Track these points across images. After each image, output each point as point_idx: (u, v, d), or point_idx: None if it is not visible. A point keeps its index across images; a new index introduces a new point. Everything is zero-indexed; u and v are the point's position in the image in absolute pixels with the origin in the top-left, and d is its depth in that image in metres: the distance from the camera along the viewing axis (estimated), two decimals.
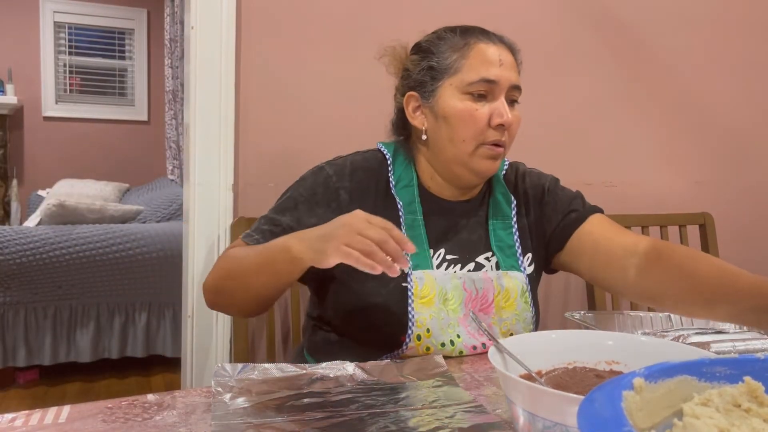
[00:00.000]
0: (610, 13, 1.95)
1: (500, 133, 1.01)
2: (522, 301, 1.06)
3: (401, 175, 1.09)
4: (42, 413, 0.74)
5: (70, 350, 2.68)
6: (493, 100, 1.01)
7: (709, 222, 1.79)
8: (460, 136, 1.02)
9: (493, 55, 1.02)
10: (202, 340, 1.59)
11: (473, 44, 1.03)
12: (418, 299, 1.00)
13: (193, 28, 1.53)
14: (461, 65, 1.02)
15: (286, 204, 1.06)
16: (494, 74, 1.00)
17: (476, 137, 1.01)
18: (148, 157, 4.99)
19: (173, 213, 3.29)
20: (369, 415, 0.74)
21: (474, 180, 1.07)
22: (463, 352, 1.01)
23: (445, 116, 1.03)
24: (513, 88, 1.03)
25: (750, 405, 0.42)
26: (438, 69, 1.04)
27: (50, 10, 4.79)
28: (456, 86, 1.02)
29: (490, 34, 1.06)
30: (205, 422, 0.73)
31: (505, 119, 1.00)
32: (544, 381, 0.66)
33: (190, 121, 1.56)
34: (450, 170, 1.07)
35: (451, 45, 1.04)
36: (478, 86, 1.00)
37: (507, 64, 1.03)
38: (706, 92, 2.10)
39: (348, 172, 1.07)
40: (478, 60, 1.01)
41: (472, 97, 1.01)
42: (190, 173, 1.57)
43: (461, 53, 1.02)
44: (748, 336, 1.00)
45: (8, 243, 2.57)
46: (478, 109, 1.00)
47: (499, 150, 1.03)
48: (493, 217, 1.11)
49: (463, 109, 1.01)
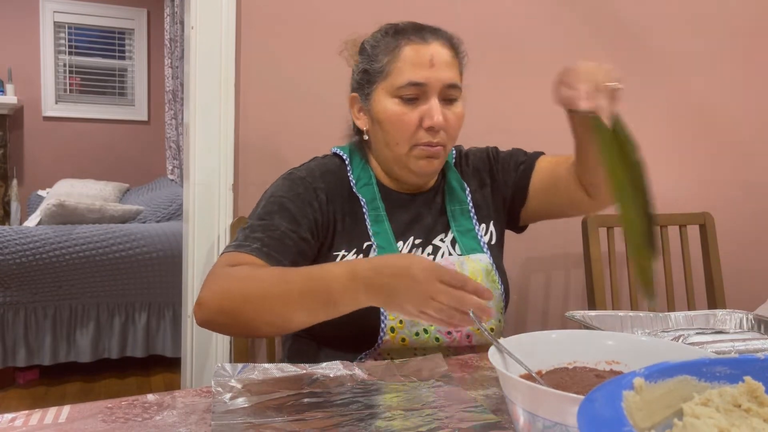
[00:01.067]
0: (610, 12, 1.95)
1: (432, 135, 1.02)
2: (489, 281, 1.08)
3: (360, 174, 1.11)
4: (42, 413, 0.74)
5: (70, 350, 2.68)
6: (426, 102, 1.01)
7: (709, 222, 1.79)
8: (393, 140, 1.03)
9: (423, 57, 1.01)
10: (202, 340, 1.59)
11: (403, 46, 1.02)
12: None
13: (193, 28, 1.53)
14: (391, 69, 1.02)
15: (272, 207, 1.03)
16: (422, 77, 1.00)
17: (408, 140, 1.02)
18: (148, 157, 4.99)
19: (173, 213, 3.29)
20: (369, 415, 0.74)
21: (415, 179, 1.09)
22: (439, 339, 1.03)
23: (379, 120, 1.04)
24: (448, 87, 1.02)
25: (750, 405, 0.42)
26: (371, 73, 1.05)
27: (50, 10, 4.79)
28: (387, 90, 1.03)
29: (425, 32, 1.04)
30: (205, 422, 0.73)
31: (435, 122, 1.00)
32: (544, 381, 0.66)
33: (190, 121, 1.56)
34: (392, 170, 1.09)
35: (383, 47, 1.05)
36: (406, 90, 1.01)
37: (439, 63, 1.01)
38: (707, 92, 2.09)
39: (318, 175, 1.08)
40: (406, 63, 1.01)
41: (402, 101, 1.01)
42: (190, 173, 1.57)
43: (392, 56, 1.03)
44: (748, 336, 1.00)
45: (8, 243, 2.57)
46: (407, 113, 1.01)
47: (435, 150, 1.03)
48: (450, 203, 1.14)
49: (392, 113, 1.02)
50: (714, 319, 1.09)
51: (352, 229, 1.07)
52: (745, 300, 1.72)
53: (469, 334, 1.04)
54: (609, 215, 1.72)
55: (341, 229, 1.06)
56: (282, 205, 1.03)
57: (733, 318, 1.09)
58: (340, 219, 1.07)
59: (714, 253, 1.78)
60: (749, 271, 2.13)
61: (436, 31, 1.05)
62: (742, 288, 2.00)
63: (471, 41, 1.83)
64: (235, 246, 0.98)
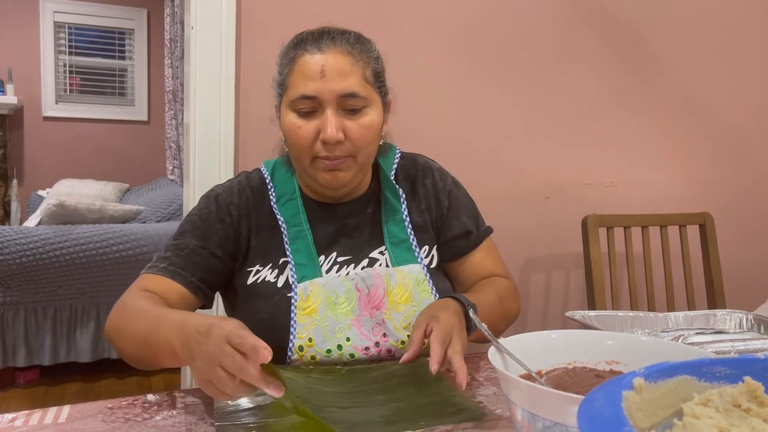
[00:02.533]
0: (610, 12, 1.95)
1: (329, 149, 0.97)
2: (419, 291, 1.03)
3: (283, 190, 1.09)
4: (42, 413, 0.74)
5: (70, 350, 2.68)
6: (322, 113, 0.97)
7: (709, 222, 1.79)
8: (294, 153, 1.02)
9: (314, 68, 0.96)
10: None
11: (297, 57, 0.99)
12: (300, 311, 0.98)
13: (193, 28, 1.53)
14: (288, 82, 1.00)
15: (184, 227, 1.05)
16: (312, 89, 0.96)
17: (307, 153, 0.99)
18: (148, 157, 4.99)
19: (173, 213, 3.28)
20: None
21: (327, 192, 1.05)
22: (354, 355, 0.98)
23: (284, 133, 1.03)
24: (344, 97, 0.97)
25: (750, 405, 0.42)
26: (276, 85, 1.05)
27: (50, 10, 4.79)
28: (286, 104, 1.01)
29: (323, 41, 0.99)
30: (205, 422, 0.73)
31: (328, 135, 0.95)
32: (544, 381, 0.66)
33: (190, 121, 1.56)
34: (306, 182, 1.08)
35: (284, 60, 1.03)
36: (299, 103, 0.97)
37: (332, 74, 0.96)
38: (707, 92, 2.09)
39: (236, 191, 1.08)
40: (299, 75, 0.98)
41: (298, 115, 0.99)
42: (190, 173, 1.57)
43: (289, 68, 1.01)
44: (748, 336, 1.00)
45: (8, 243, 2.57)
46: (302, 126, 0.98)
47: (335, 163, 0.99)
48: (385, 214, 1.10)
49: (289, 127, 1.00)
50: (714, 319, 1.09)
51: (269, 245, 1.05)
52: (745, 300, 1.72)
53: (390, 349, 0.99)
54: (609, 215, 1.72)
55: (256, 245, 1.05)
56: (193, 224, 1.04)
57: (733, 318, 1.09)
58: (255, 234, 1.05)
59: (714, 253, 1.78)
60: (749, 271, 2.13)
61: (336, 38, 1.00)
62: (742, 288, 2.00)
63: (470, 41, 1.83)
64: (148, 267, 1.01)
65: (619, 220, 1.72)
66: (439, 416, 0.74)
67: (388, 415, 0.74)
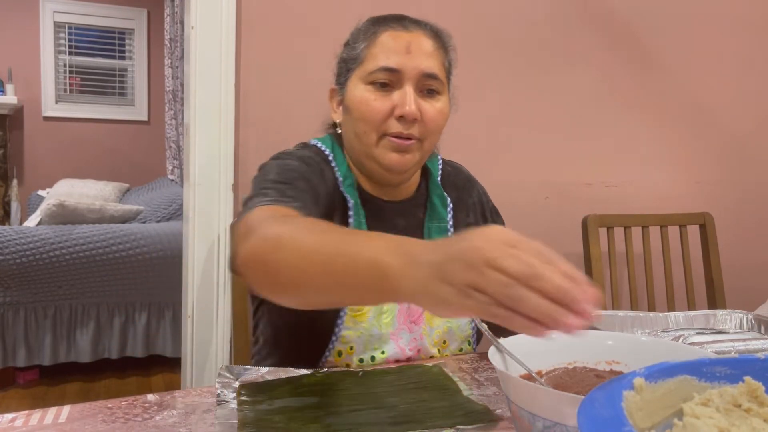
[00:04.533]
0: (610, 13, 1.95)
1: (404, 125, 0.94)
2: None
3: (345, 173, 1.02)
4: (42, 413, 0.74)
5: (70, 350, 2.68)
6: (400, 89, 0.95)
7: (709, 222, 1.79)
8: (361, 128, 0.96)
9: (400, 43, 0.95)
10: (202, 340, 1.59)
11: (380, 32, 0.97)
12: (350, 313, 0.93)
13: (193, 28, 1.53)
14: (366, 54, 0.97)
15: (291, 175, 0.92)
16: (396, 62, 0.94)
17: (377, 128, 0.95)
18: (148, 157, 4.99)
19: (173, 213, 3.28)
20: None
21: (386, 176, 1.00)
22: None
23: (350, 108, 0.98)
24: (426, 77, 0.95)
25: (750, 405, 0.42)
26: (348, 60, 1.00)
27: (50, 10, 4.78)
28: (360, 77, 0.97)
29: (406, 21, 0.99)
30: (205, 422, 0.73)
31: (406, 110, 0.93)
32: (544, 381, 0.66)
33: (190, 121, 1.56)
34: (363, 166, 1.01)
35: (362, 35, 1.00)
36: (377, 75, 0.94)
37: (418, 51, 0.95)
38: (707, 92, 2.09)
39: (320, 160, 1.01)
40: (382, 48, 0.96)
41: (374, 87, 0.95)
42: (190, 173, 1.57)
43: (368, 42, 0.97)
44: (748, 336, 1.00)
45: (8, 243, 2.57)
46: (377, 99, 0.94)
47: (406, 143, 0.95)
48: (430, 220, 1.06)
49: (361, 99, 0.95)
50: (714, 319, 1.09)
51: None
52: (746, 300, 1.72)
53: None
54: (609, 215, 1.72)
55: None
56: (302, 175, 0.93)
57: (733, 318, 1.09)
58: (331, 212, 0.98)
59: (714, 253, 1.78)
60: (749, 271, 2.13)
61: (419, 21, 1.00)
62: (743, 288, 2.00)
63: (469, 41, 1.83)
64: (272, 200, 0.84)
65: (619, 220, 1.72)
66: (448, 418, 0.74)
67: (396, 416, 0.74)
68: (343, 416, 0.74)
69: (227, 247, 1.56)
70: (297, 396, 0.80)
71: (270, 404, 0.77)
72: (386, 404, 0.78)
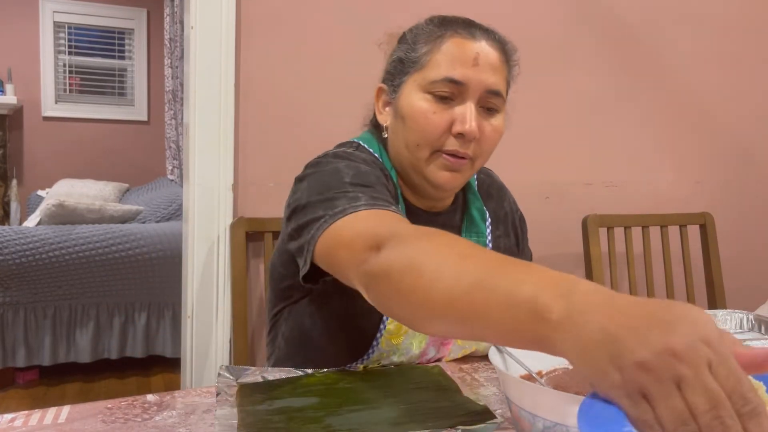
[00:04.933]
0: (610, 12, 1.95)
1: (461, 144, 0.88)
2: None
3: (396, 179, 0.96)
4: (42, 413, 0.74)
5: (70, 350, 2.68)
6: (461, 104, 0.88)
7: (709, 222, 1.79)
8: (413, 140, 0.90)
9: (468, 53, 0.88)
10: (202, 340, 1.59)
11: (448, 37, 0.89)
12: (386, 336, 0.91)
13: (193, 28, 1.53)
14: (428, 60, 0.89)
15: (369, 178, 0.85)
16: (461, 74, 0.87)
17: (432, 144, 0.89)
18: (148, 157, 4.99)
19: (173, 213, 3.28)
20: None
21: (433, 193, 0.95)
22: None
23: (403, 115, 0.91)
24: (489, 93, 0.89)
25: None
26: (406, 61, 0.92)
27: (50, 10, 4.78)
28: (419, 83, 0.90)
29: (474, 28, 0.91)
30: (205, 422, 0.73)
31: (467, 128, 0.86)
32: (544, 381, 0.66)
33: (190, 121, 1.56)
34: (409, 177, 0.95)
35: (425, 36, 0.92)
36: (441, 86, 0.87)
37: (485, 64, 0.88)
38: (707, 92, 2.09)
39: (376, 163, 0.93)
40: (447, 56, 0.88)
41: (434, 98, 0.88)
42: (190, 173, 1.57)
43: (432, 46, 0.90)
44: (749, 336, 1.00)
45: (8, 243, 2.57)
46: (437, 112, 0.88)
47: (460, 162, 0.89)
48: (467, 233, 1.01)
49: (419, 110, 0.88)
50: (714, 319, 1.09)
51: None
52: (746, 300, 1.72)
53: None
54: (609, 215, 1.72)
55: None
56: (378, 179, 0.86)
57: (733, 318, 1.08)
58: None
59: (714, 253, 1.78)
60: (749, 271, 2.13)
61: (489, 31, 0.93)
62: (743, 288, 2.00)
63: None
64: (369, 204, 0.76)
65: (619, 220, 1.72)
66: (448, 418, 0.73)
67: (396, 416, 0.74)
68: (343, 416, 0.74)
69: (227, 247, 1.56)
70: (297, 396, 0.80)
71: (270, 404, 0.77)
72: (386, 404, 0.78)
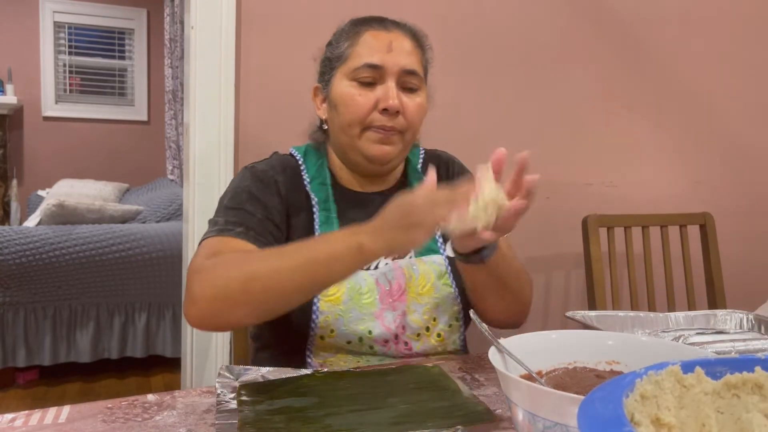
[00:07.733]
0: (610, 12, 1.95)
1: (387, 118, 1.02)
2: (441, 284, 1.05)
3: (314, 174, 1.10)
4: (42, 413, 0.74)
5: (70, 350, 2.68)
6: (383, 84, 1.02)
7: (709, 222, 1.78)
8: (346, 121, 1.03)
9: (383, 41, 1.03)
10: (202, 340, 1.59)
11: (364, 32, 1.05)
12: (323, 299, 0.98)
13: (193, 28, 1.53)
14: (350, 53, 1.04)
15: (241, 197, 1.03)
16: (379, 59, 1.02)
17: (361, 121, 1.02)
18: (148, 157, 4.99)
19: (173, 213, 3.29)
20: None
21: (370, 166, 1.07)
22: (374, 347, 1.00)
23: (335, 103, 1.05)
24: (406, 74, 1.03)
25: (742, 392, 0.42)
26: (332, 58, 1.07)
27: (50, 10, 4.79)
28: (344, 73, 1.04)
29: (386, 22, 1.07)
30: (205, 422, 0.73)
31: (389, 104, 1.00)
32: (544, 381, 0.66)
33: (190, 121, 1.56)
34: (348, 158, 1.09)
35: (345, 35, 1.07)
36: (362, 71, 1.02)
37: (398, 49, 1.03)
38: (707, 92, 2.09)
39: (279, 169, 1.09)
40: (365, 47, 1.03)
41: (358, 84, 1.03)
42: (190, 173, 1.57)
43: (352, 41, 1.05)
44: (748, 336, 1.00)
45: (8, 243, 2.57)
46: (362, 94, 1.02)
47: (388, 134, 1.03)
48: None
49: (347, 94, 1.03)
50: (714, 319, 1.09)
51: (304, 226, 1.06)
52: (746, 300, 1.72)
53: (407, 342, 1.02)
54: (609, 215, 1.72)
55: (295, 224, 1.06)
56: (251, 194, 1.03)
57: (733, 318, 1.09)
58: (295, 213, 1.07)
59: (714, 253, 1.78)
60: (749, 271, 2.13)
61: (398, 23, 1.08)
62: (742, 288, 2.00)
63: (469, 41, 1.83)
64: (218, 231, 0.98)
65: (619, 220, 1.72)
66: (448, 418, 0.74)
67: (396, 417, 0.74)
68: (343, 416, 0.74)
69: None
70: (297, 396, 0.80)
71: (270, 404, 0.77)
72: (386, 404, 0.78)
